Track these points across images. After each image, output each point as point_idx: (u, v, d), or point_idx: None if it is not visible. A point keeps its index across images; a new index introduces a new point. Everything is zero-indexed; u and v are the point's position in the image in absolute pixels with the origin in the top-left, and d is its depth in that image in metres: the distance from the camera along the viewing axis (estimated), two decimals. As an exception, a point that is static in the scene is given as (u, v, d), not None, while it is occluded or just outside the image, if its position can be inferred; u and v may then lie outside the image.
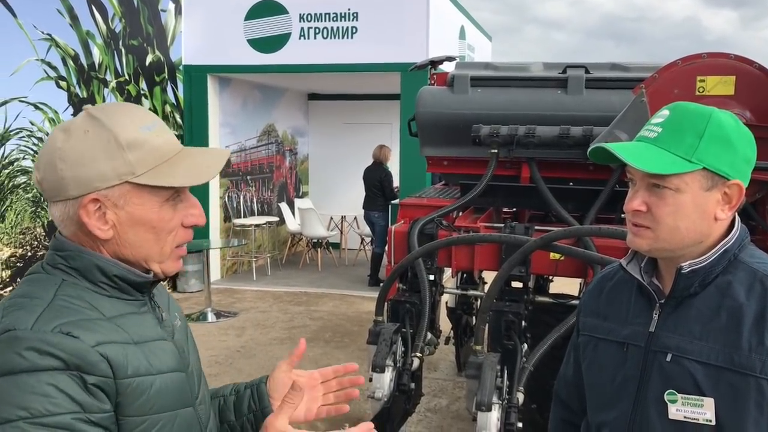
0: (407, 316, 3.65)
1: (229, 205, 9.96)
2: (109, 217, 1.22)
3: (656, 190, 1.33)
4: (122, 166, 1.20)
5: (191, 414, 1.33)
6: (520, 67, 4.71)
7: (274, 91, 11.05)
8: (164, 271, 1.30)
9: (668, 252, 1.37)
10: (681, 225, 1.32)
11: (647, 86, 3.43)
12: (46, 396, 1.09)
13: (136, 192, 1.22)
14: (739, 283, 1.33)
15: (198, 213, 1.31)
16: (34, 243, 6.83)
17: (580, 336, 1.58)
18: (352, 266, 10.74)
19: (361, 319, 7.53)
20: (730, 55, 3.36)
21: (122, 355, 1.19)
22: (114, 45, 7.91)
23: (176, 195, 1.27)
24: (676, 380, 1.34)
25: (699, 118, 1.32)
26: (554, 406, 1.76)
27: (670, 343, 1.36)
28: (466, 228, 3.95)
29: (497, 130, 3.94)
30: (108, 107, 1.26)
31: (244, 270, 10.28)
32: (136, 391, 1.19)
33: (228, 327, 7.31)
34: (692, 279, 1.35)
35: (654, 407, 1.37)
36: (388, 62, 8.37)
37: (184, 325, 1.44)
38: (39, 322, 1.13)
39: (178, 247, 1.30)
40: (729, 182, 1.32)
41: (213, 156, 1.31)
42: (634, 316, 1.44)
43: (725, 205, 1.33)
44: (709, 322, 1.33)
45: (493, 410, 2.87)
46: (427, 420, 4.94)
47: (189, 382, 1.34)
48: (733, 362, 1.29)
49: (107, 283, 1.24)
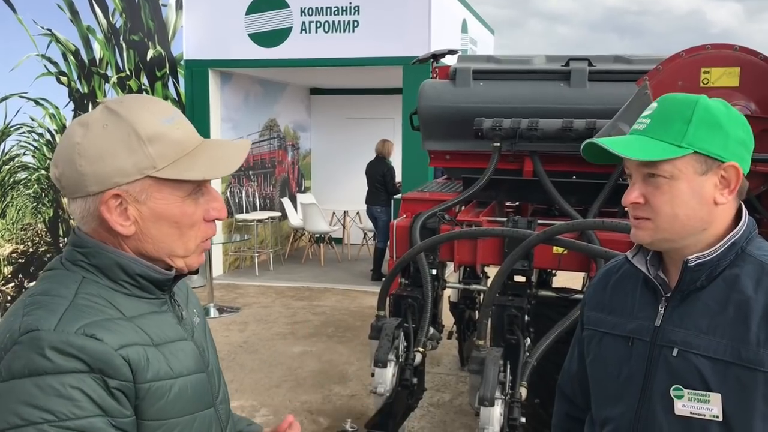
0: (409, 311, 3.63)
1: (232, 201, 9.95)
2: (130, 212, 1.19)
3: (651, 180, 1.32)
4: (143, 160, 1.17)
5: (211, 415, 1.31)
6: (522, 60, 4.68)
7: (275, 86, 11.03)
8: (188, 266, 1.28)
9: (671, 242, 1.35)
10: (680, 212, 1.31)
11: (651, 78, 3.40)
12: (71, 399, 1.07)
13: (158, 186, 1.19)
14: (747, 277, 1.31)
15: (219, 207, 1.28)
16: (36, 239, 6.82)
17: (585, 330, 1.56)
18: (354, 261, 10.73)
19: (363, 314, 7.52)
20: (734, 46, 3.32)
21: (143, 358, 1.16)
22: (115, 40, 7.89)
23: (198, 189, 1.24)
24: (683, 375, 1.32)
25: (686, 105, 1.32)
26: (558, 401, 1.73)
27: (676, 338, 1.34)
28: (469, 222, 3.93)
29: (500, 124, 3.91)
30: (126, 100, 1.23)
31: (246, 265, 10.28)
32: (155, 395, 1.17)
33: (230, 322, 7.31)
34: (699, 272, 1.33)
35: (660, 403, 1.35)
36: (390, 56, 8.33)
37: (202, 322, 1.42)
38: (62, 323, 1.10)
39: (203, 241, 1.28)
40: (724, 164, 1.31)
41: (234, 148, 1.28)
42: (639, 310, 1.42)
43: (724, 189, 1.32)
44: (716, 316, 1.31)
45: (496, 405, 2.86)
46: (430, 415, 4.93)
47: (210, 381, 1.32)
48: (740, 357, 1.27)
49: (128, 281, 1.22)
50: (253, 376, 5.69)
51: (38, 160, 6.81)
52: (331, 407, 5.06)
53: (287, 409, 5.02)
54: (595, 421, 1.50)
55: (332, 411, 4.97)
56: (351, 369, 5.86)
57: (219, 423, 1.34)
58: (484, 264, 4.06)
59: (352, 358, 6.15)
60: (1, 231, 6.39)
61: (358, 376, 5.66)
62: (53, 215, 7.02)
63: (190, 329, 1.33)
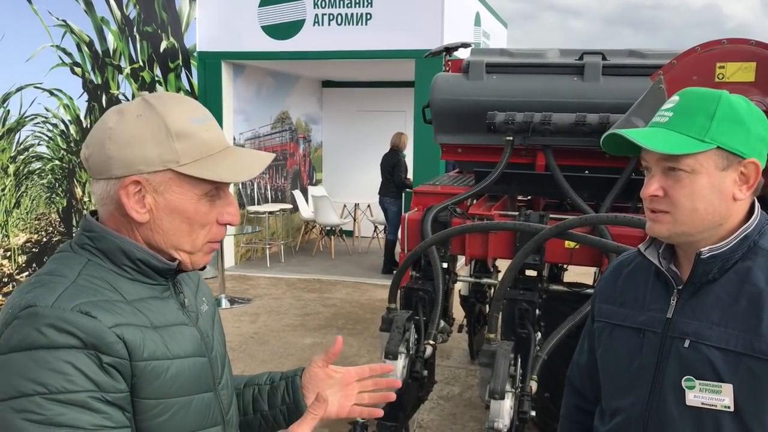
0: (420, 304, 3.63)
1: (243, 192, 9.98)
2: (147, 201, 1.24)
3: (672, 174, 1.32)
4: (168, 153, 1.22)
5: (211, 399, 1.34)
6: (536, 54, 4.66)
7: (288, 78, 11.03)
8: (193, 263, 1.32)
9: (688, 236, 1.35)
10: (699, 206, 1.31)
11: (665, 73, 3.38)
12: (63, 373, 1.11)
13: (178, 181, 1.24)
14: (760, 269, 1.32)
15: (234, 212, 1.32)
16: (49, 229, 6.88)
17: (596, 322, 1.57)
18: (365, 254, 10.75)
19: (374, 306, 7.54)
20: (750, 41, 3.30)
21: (139, 338, 1.20)
22: (128, 31, 7.92)
23: (215, 191, 1.28)
24: (695, 366, 1.33)
25: (709, 99, 1.32)
26: (567, 393, 1.74)
27: (688, 329, 1.35)
28: (480, 216, 3.92)
29: (512, 117, 3.90)
30: (163, 95, 1.28)
31: (257, 257, 10.32)
32: (151, 374, 1.21)
33: (242, 313, 7.34)
34: (712, 264, 1.34)
35: (671, 394, 1.35)
36: (403, 49, 8.32)
37: (211, 310, 1.46)
38: (60, 300, 1.15)
39: (211, 242, 1.32)
40: (745, 161, 1.31)
41: (257, 157, 1.33)
42: (651, 302, 1.43)
43: (743, 185, 1.32)
44: (728, 308, 1.32)
45: (506, 398, 2.86)
46: (440, 407, 4.94)
47: (212, 366, 1.36)
48: (753, 348, 1.28)
49: (130, 266, 1.26)
50: (263, 366, 5.72)
51: (52, 151, 6.86)
52: (341, 399, 5.07)
53: (297, 400, 5.04)
54: (605, 412, 1.51)
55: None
56: (361, 361, 5.88)
57: (220, 407, 1.37)
58: (496, 258, 4.06)
59: (362, 350, 6.17)
60: (16, 220, 6.45)
61: (368, 368, 5.67)
62: (67, 205, 7.07)
63: (195, 316, 1.37)
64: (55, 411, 1.09)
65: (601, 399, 1.56)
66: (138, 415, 1.20)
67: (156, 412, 1.22)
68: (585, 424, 1.61)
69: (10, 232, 6.37)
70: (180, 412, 1.26)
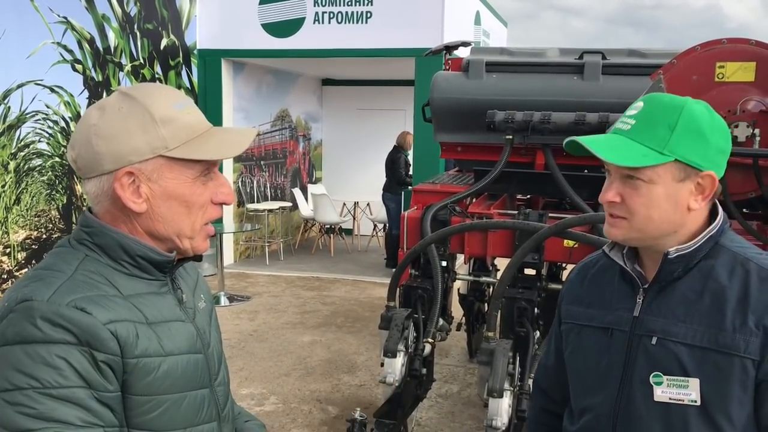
0: (419, 302, 3.65)
1: (243, 190, 9.99)
2: (143, 190, 1.25)
3: (630, 182, 1.35)
4: (156, 140, 1.24)
5: (207, 395, 1.35)
6: (535, 53, 4.67)
7: (288, 76, 11.03)
8: (194, 249, 1.33)
9: (642, 242, 1.39)
10: (654, 215, 1.34)
11: (665, 72, 3.39)
12: (56, 368, 1.12)
13: (169, 166, 1.25)
14: (721, 267, 1.36)
15: (227, 191, 1.34)
16: (49, 226, 6.88)
17: (563, 324, 1.59)
18: (364, 252, 10.75)
19: (373, 304, 7.54)
20: (750, 40, 3.31)
21: (132, 334, 1.20)
22: (129, 29, 7.92)
23: (207, 171, 1.30)
24: (662, 362, 1.36)
25: (671, 110, 1.33)
26: (534, 395, 1.77)
27: (655, 327, 1.38)
28: (480, 214, 3.93)
29: (512, 116, 3.90)
30: (140, 87, 1.30)
31: (257, 255, 10.32)
32: (142, 370, 1.21)
33: (241, 311, 7.35)
34: (677, 264, 1.37)
35: (639, 390, 1.38)
36: (403, 47, 8.31)
37: (209, 308, 1.46)
38: (56, 295, 1.16)
39: (207, 224, 1.33)
40: (701, 173, 1.33)
41: (240, 133, 1.34)
42: (617, 301, 1.45)
43: (698, 196, 1.35)
44: (693, 305, 1.35)
45: (505, 397, 2.87)
46: (438, 405, 4.95)
47: (209, 363, 1.36)
48: (717, 343, 1.31)
49: (129, 262, 1.27)
50: (262, 364, 5.73)
51: (53, 148, 6.86)
52: (340, 396, 5.09)
53: (296, 397, 5.05)
54: (575, 412, 1.53)
55: (341, 400, 5.00)
56: (360, 359, 5.89)
57: (216, 404, 1.38)
58: (495, 256, 4.07)
59: (361, 348, 6.17)
60: (16, 217, 6.45)
61: (367, 366, 5.68)
62: (66, 202, 7.07)
63: (192, 312, 1.37)
64: (47, 405, 1.10)
65: (567, 401, 1.58)
66: (129, 411, 1.21)
67: (147, 408, 1.23)
68: (552, 426, 1.63)
69: (9, 228, 6.37)
70: (171, 408, 1.26)
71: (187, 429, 1.30)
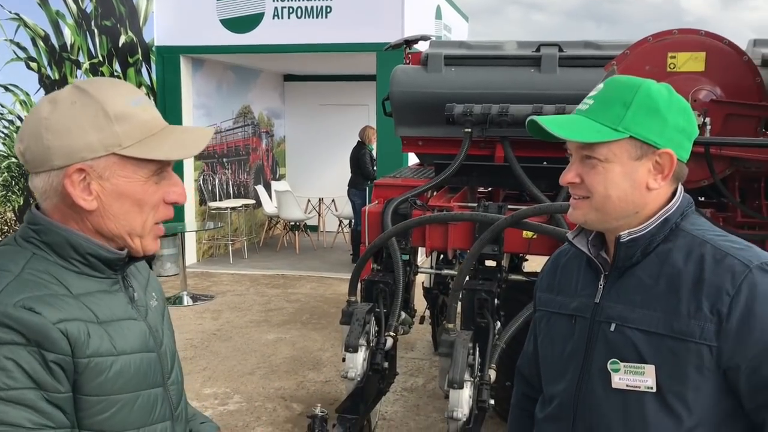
0: (381, 296, 3.64)
1: (205, 188, 9.88)
2: (93, 188, 1.22)
3: (588, 161, 1.35)
4: (109, 137, 1.20)
5: (160, 394, 1.33)
6: (494, 46, 4.69)
7: (249, 72, 10.94)
8: (144, 249, 1.30)
9: (603, 223, 1.38)
10: (612, 194, 1.34)
11: (619, 63, 3.43)
12: (4, 370, 1.09)
13: (122, 164, 1.22)
14: (679, 251, 1.34)
15: (180, 191, 1.31)
16: (5, 228, 6.73)
17: (537, 311, 1.60)
18: (330, 249, 10.72)
19: (338, 300, 7.52)
20: (700, 31, 3.36)
21: (83, 333, 1.18)
22: (86, 25, 7.77)
23: (160, 171, 1.27)
24: (619, 349, 1.35)
25: (628, 88, 1.34)
26: (516, 382, 1.77)
27: (613, 313, 1.37)
28: (440, 207, 3.94)
29: (470, 109, 3.92)
30: (95, 81, 1.26)
31: (220, 253, 10.22)
32: (94, 370, 1.19)
33: (204, 310, 7.28)
34: (633, 248, 1.36)
35: (598, 377, 1.37)
36: (363, 42, 8.29)
37: (161, 306, 1.44)
38: (3, 295, 1.13)
39: (157, 224, 1.30)
40: (659, 151, 1.33)
41: (197, 133, 1.32)
42: (582, 288, 1.45)
43: (657, 175, 1.34)
44: (650, 290, 1.34)
45: (465, 387, 2.88)
46: (404, 399, 4.96)
47: (161, 362, 1.34)
48: (672, 329, 1.29)
49: (78, 260, 1.24)
50: (226, 363, 5.68)
51: (8, 148, 6.71)
52: (305, 393, 5.06)
53: (260, 395, 5.02)
54: (545, 400, 1.53)
55: (306, 397, 4.98)
56: (325, 355, 5.87)
57: (169, 403, 1.36)
58: (456, 249, 4.08)
59: (327, 344, 6.15)
60: (-31, 219, 6.29)
61: (332, 362, 5.67)
62: (23, 203, 6.92)
63: (144, 311, 1.35)
64: None
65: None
66: (80, 411, 1.19)
67: (99, 408, 1.20)
68: (532, 412, 1.62)
69: (-37, 231, 6.22)
70: (124, 408, 1.24)
71: (140, 429, 1.28)
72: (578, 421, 1.41)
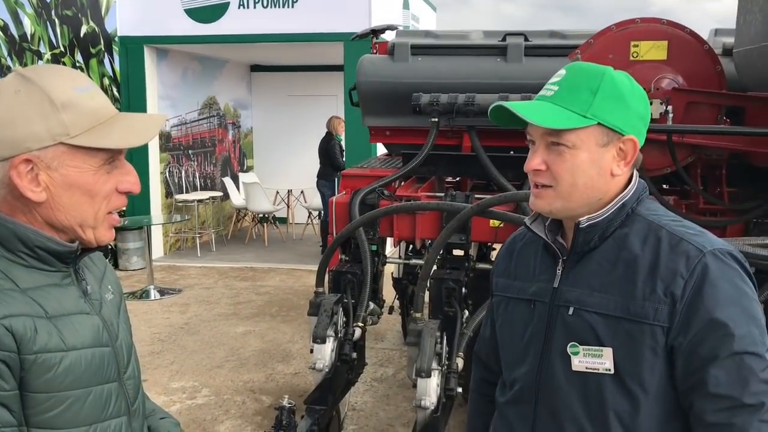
0: (349, 287, 3.63)
1: (171, 180, 9.75)
2: (42, 179, 1.18)
3: (554, 148, 1.35)
4: (56, 126, 1.17)
5: (115, 389, 1.30)
6: (460, 35, 4.69)
7: (214, 63, 10.81)
8: (97, 239, 1.26)
9: (569, 211, 1.39)
10: (579, 181, 1.35)
11: (583, 52, 3.45)
12: None
13: (71, 154, 1.19)
14: (635, 235, 1.36)
15: (133, 180, 1.28)
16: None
17: (494, 296, 1.61)
18: (299, 241, 10.67)
19: (308, 292, 7.43)
20: (662, 20, 3.39)
21: (30, 328, 1.15)
22: (46, 15, 7.60)
23: (112, 160, 1.24)
24: (578, 333, 1.37)
25: (593, 75, 1.35)
26: (474, 366, 1.78)
27: (571, 297, 1.39)
28: (408, 197, 3.93)
29: (437, 99, 3.91)
30: (40, 68, 1.23)
31: (188, 246, 10.11)
32: (41, 366, 1.16)
33: (171, 304, 7.20)
34: (591, 233, 1.38)
35: (558, 360, 1.39)
36: (330, 32, 8.24)
37: (117, 299, 1.41)
38: None
39: (110, 214, 1.27)
40: (623, 138, 1.35)
41: (149, 119, 1.29)
42: (540, 273, 1.47)
43: (621, 161, 1.36)
44: (607, 275, 1.36)
45: (433, 376, 2.89)
46: (374, 389, 4.96)
47: (117, 356, 1.32)
48: (629, 312, 1.32)
49: (27, 253, 1.20)
50: (194, 357, 5.62)
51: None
52: (274, 385, 5.04)
53: (229, 389, 4.98)
54: (506, 384, 1.54)
55: (275, 389, 4.95)
56: (295, 347, 5.85)
57: (125, 398, 1.34)
58: (423, 239, 4.08)
59: (296, 336, 6.13)
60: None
61: (302, 354, 5.64)
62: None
63: (98, 304, 1.32)
64: None
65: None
66: (28, 409, 1.16)
67: (47, 405, 1.17)
68: (491, 396, 1.63)
69: None
70: (75, 405, 1.21)
71: (93, 425, 1.25)
72: (540, 403, 1.42)
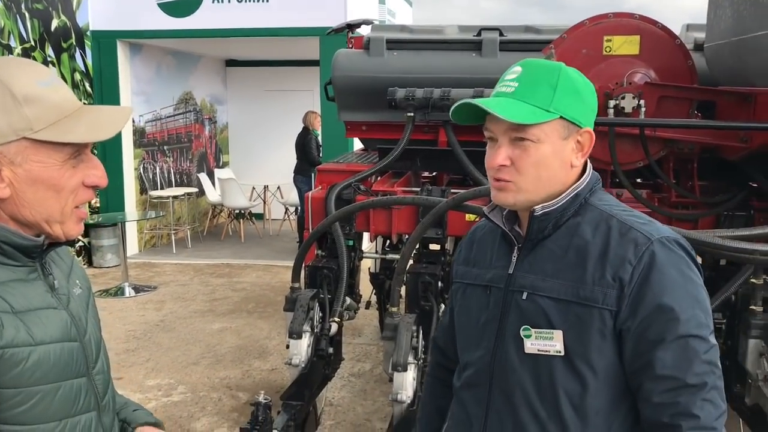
0: (325, 282, 3.62)
1: (145, 177, 9.66)
2: (5, 174, 1.16)
3: (518, 143, 1.38)
4: (19, 121, 1.14)
5: (84, 384, 1.29)
6: (435, 30, 4.69)
7: (189, 58, 10.71)
8: (66, 234, 1.24)
9: (531, 203, 1.43)
10: (543, 174, 1.39)
11: (557, 46, 3.47)
12: None
13: (35, 149, 1.16)
14: (587, 224, 1.41)
15: (100, 174, 1.25)
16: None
17: (454, 284, 1.66)
18: (275, 237, 10.63)
19: (285, 288, 7.35)
20: (635, 15, 3.42)
21: None
22: (16, 8, 7.47)
23: (77, 154, 1.21)
24: (531, 316, 1.42)
25: (550, 71, 1.40)
26: (431, 351, 1.84)
27: (525, 282, 1.44)
28: (384, 192, 3.93)
29: (412, 94, 3.91)
30: (0, 61, 1.20)
31: (163, 243, 10.03)
32: (9, 362, 1.14)
33: (146, 301, 7.13)
34: (545, 221, 1.42)
35: (512, 343, 1.44)
36: (306, 26, 8.21)
37: (85, 294, 1.39)
38: None
39: (78, 208, 1.25)
40: (581, 130, 1.41)
41: (115, 112, 1.26)
42: (496, 260, 1.51)
43: (578, 153, 1.42)
44: (559, 261, 1.41)
45: (410, 370, 2.89)
46: (351, 385, 4.96)
47: (85, 351, 1.30)
48: (579, 296, 1.37)
49: None
50: (170, 354, 5.58)
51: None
52: (251, 382, 5.02)
53: (205, 385, 4.95)
54: (461, 368, 1.58)
55: (252, 386, 4.93)
56: (271, 344, 5.83)
57: (94, 393, 1.32)
58: (400, 233, 4.09)
59: (273, 332, 6.11)
60: None
61: (279, 350, 5.62)
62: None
63: (65, 299, 1.30)
64: None
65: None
66: None
67: (15, 401, 1.16)
68: (446, 382, 1.69)
69: None
70: (44, 400, 1.20)
71: (62, 420, 1.24)
72: (494, 386, 1.46)
